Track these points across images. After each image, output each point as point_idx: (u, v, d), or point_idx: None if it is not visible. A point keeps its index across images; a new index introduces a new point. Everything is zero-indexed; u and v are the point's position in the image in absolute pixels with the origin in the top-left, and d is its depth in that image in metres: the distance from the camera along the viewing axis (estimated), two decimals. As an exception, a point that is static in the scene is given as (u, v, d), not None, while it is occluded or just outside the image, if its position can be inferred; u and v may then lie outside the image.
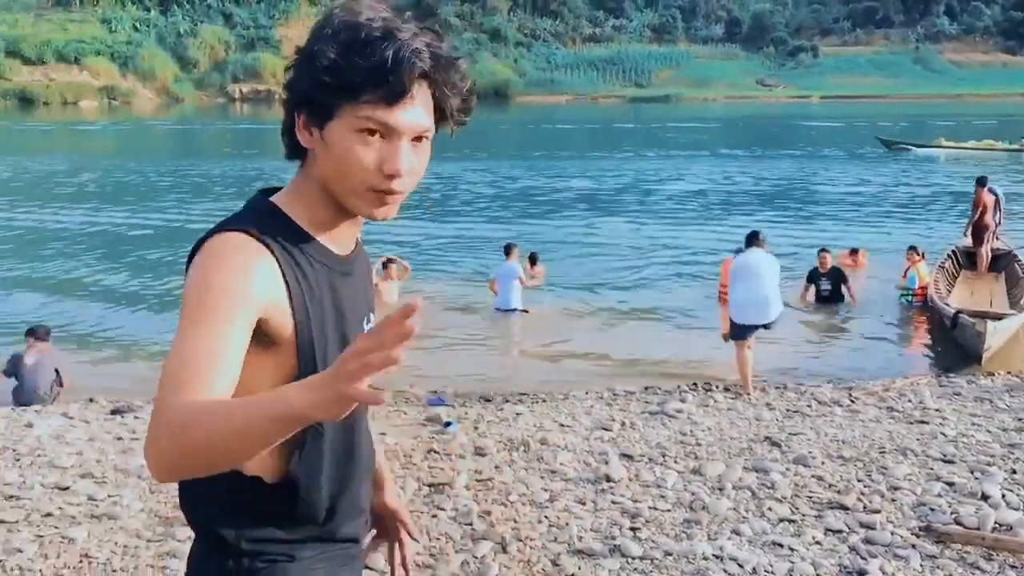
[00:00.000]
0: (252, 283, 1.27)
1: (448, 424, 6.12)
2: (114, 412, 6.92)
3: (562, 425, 6.10)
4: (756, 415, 6.36)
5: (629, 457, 5.20)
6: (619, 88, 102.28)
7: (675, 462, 5.10)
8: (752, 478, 4.80)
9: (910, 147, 35.17)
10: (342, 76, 1.28)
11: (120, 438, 5.86)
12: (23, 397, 7.68)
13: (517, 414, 6.52)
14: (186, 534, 4.11)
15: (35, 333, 8.08)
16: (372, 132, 1.30)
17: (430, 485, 4.73)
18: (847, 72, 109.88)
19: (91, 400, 7.53)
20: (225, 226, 1.34)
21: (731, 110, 76.79)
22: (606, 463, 5.04)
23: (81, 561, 3.71)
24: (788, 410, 6.56)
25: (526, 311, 10.69)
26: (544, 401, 7.19)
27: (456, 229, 16.99)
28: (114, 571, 3.66)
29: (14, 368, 7.83)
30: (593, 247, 15.02)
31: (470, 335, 10.08)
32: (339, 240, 1.44)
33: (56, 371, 7.89)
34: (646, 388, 7.64)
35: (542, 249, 14.22)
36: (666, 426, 6.01)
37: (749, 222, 16.88)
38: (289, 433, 1.10)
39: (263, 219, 1.36)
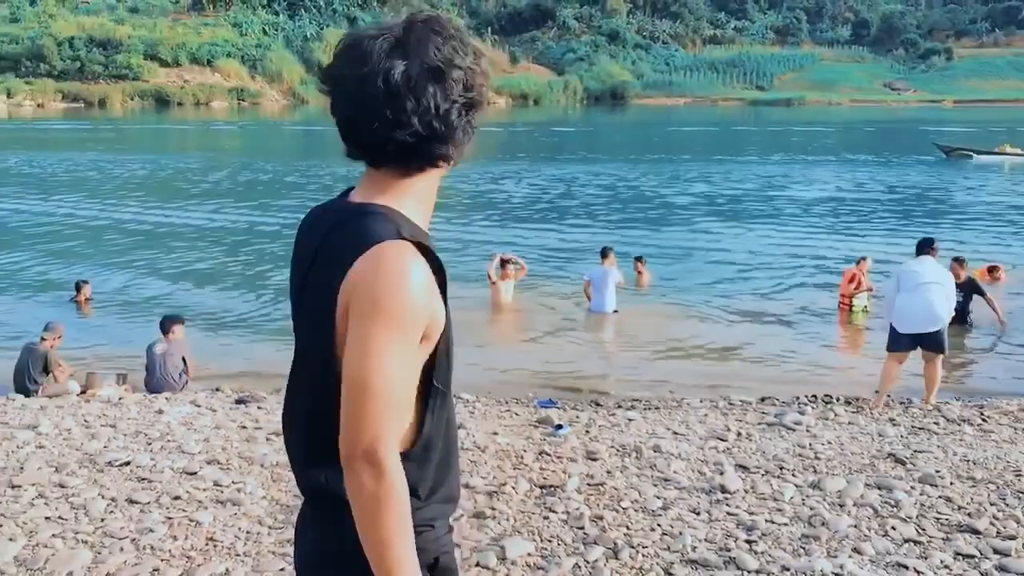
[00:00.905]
0: (427, 300, 1.42)
1: (559, 427, 6.12)
2: (238, 402, 7.19)
3: (675, 433, 6.01)
4: (879, 431, 6.13)
5: (745, 468, 5.09)
6: (739, 91, 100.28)
7: (793, 475, 4.96)
8: (874, 495, 4.63)
9: (971, 153, 32.94)
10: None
11: (244, 427, 6.08)
12: (153, 384, 8.08)
13: (629, 420, 6.46)
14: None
15: (167, 322, 8.48)
16: None
17: (542, 487, 4.73)
18: (983, 75, 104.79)
19: (217, 389, 7.85)
20: (388, 234, 1.44)
21: (857, 114, 74.29)
22: (721, 473, 4.94)
23: (207, 544, 3.86)
24: (913, 427, 6.29)
25: (615, 311, 10.67)
26: (657, 408, 7.11)
27: (569, 231, 16.96)
28: (238, 555, 3.79)
29: (148, 356, 8.24)
30: (711, 252, 14.74)
31: (574, 337, 10.06)
32: None
33: (183, 359, 8.26)
34: (763, 399, 7.46)
35: (659, 253, 14.10)
36: (784, 438, 5.85)
37: (876, 230, 16.34)
38: None
39: (411, 226, 1.48)
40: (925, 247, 7.34)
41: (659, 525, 4.21)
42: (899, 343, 7.07)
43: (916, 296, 6.93)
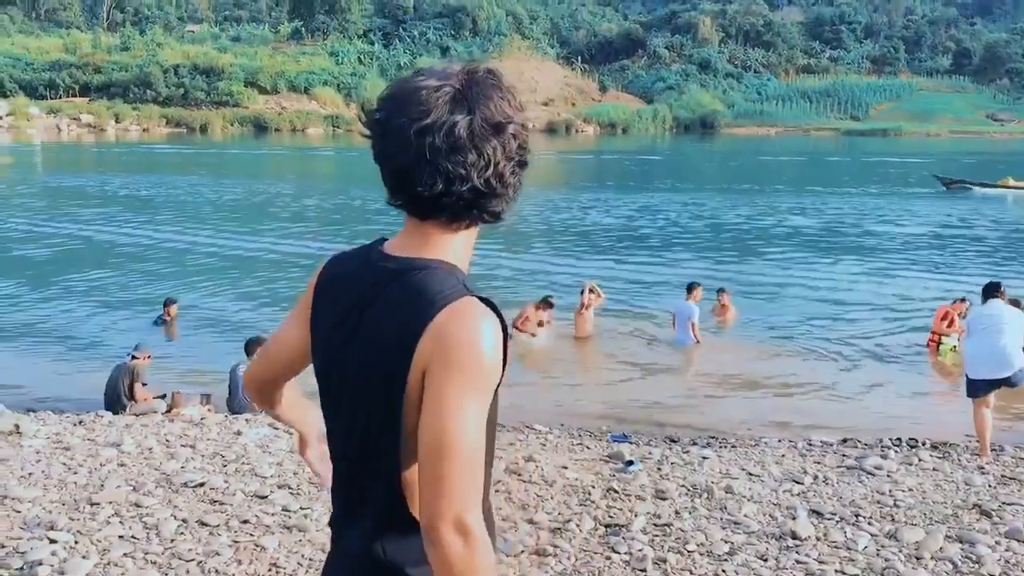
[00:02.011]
0: (502, 361, 1.42)
1: (630, 463, 6.04)
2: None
3: (750, 474, 5.87)
4: (965, 479, 5.87)
5: (819, 514, 4.93)
6: (833, 121, 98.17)
7: (868, 524, 4.78)
8: (955, 549, 4.43)
9: (971, 186, 31.55)
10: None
11: (318, 452, 6.16)
12: (235, 405, 8.28)
13: (703, 458, 6.33)
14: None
15: (251, 345, 8.69)
16: None
17: (606, 525, 4.67)
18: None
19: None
20: (457, 290, 1.44)
21: (958, 145, 71.91)
22: (793, 518, 4.80)
23: (270, 570, 3.92)
24: (1003, 476, 6.01)
25: (696, 340, 10.58)
26: (733, 447, 6.96)
27: (653, 262, 16.81)
28: (299, 582, 3.85)
29: (231, 377, 8.46)
30: (799, 287, 14.40)
31: (653, 370, 9.97)
32: None
33: (265, 383, 8.42)
34: (844, 440, 7.24)
35: (744, 286, 13.89)
36: (863, 483, 5.66)
37: (976, 268, 15.74)
38: None
39: (474, 284, 1.48)
40: (992, 291, 7.12)
41: (723, 571, 4.11)
42: (976, 389, 6.83)
43: (985, 341, 6.72)
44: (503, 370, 1.44)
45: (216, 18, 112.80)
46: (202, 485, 5.06)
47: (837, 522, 4.81)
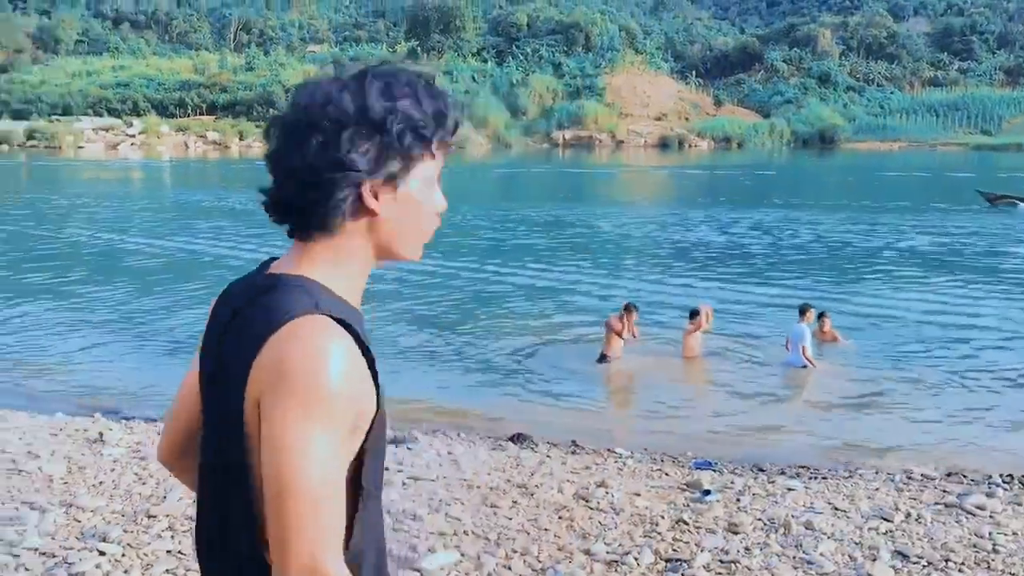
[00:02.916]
0: (354, 386, 1.24)
1: (707, 493, 5.74)
2: (391, 441, 7.26)
3: (836, 508, 5.49)
4: (1081, 525, 5.34)
5: (904, 556, 4.54)
6: (962, 135, 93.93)
7: (959, 571, 4.37)
8: (1059, 604, 4.00)
9: (1017, 201, 28.82)
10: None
11: (387, 468, 6.09)
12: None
13: (789, 489, 5.98)
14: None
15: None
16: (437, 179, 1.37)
17: (667, 560, 4.41)
18: None
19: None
20: (308, 308, 1.25)
21: (1099, 160, 67.72)
22: (873, 560, 4.44)
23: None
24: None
25: (806, 364, 10.21)
26: (824, 478, 6.56)
27: (763, 281, 16.27)
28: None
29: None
30: (917, 311, 13.61)
31: (753, 394, 9.61)
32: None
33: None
34: (949, 474, 6.73)
35: (857, 308, 13.35)
36: (960, 524, 5.21)
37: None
38: None
39: (329, 298, 1.29)
40: None
41: (788, 616, 3.80)
42: None
43: None
44: (376, 402, 1.28)
45: (336, 39, 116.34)
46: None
47: (924, 566, 4.42)
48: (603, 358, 10.63)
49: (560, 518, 5.02)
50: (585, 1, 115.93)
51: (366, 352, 1.28)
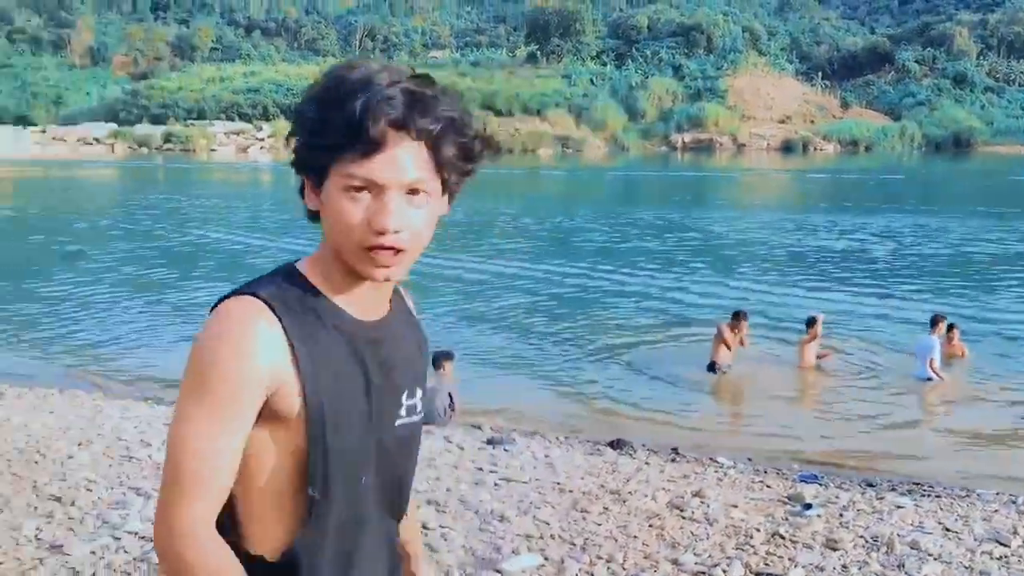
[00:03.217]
0: (255, 362, 1.24)
1: (808, 507, 5.52)
2: (489, 442, 7.28)
3: (946, 529, 5.19)
4: None
5: (1017, 584, 4.26)
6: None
7: (1078, 602, 4.07)
8: None
9: None
10: (322, 134, 1.25)
11: (480, 468, 6.11)
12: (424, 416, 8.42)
13: (897, 506, 5.70)
14: (498, 579, 4.13)
15: (439, 358, 8.85)
16: (359, 188, 1.25)
17: (758, 574, 4.26)
18: None
19: (477, 427, 8.03)
20: (240, 289, 1.30)
21: None
22: (983, 587, 4.17)
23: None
24: None
25: (932, 377, 9.75)
26: (938, 497, 6.24)
27: (886, 291, 15.62)
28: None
29: (420, 390, 8.62)
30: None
31: (870, 406, 9.26)
32: (361, 305, 1.37)
33: (450, 395, 8.54)
34: (1080, 498, 6.29)
35: (988, 321, 12.71)
36: (1085, 552, 4.85)
37: None
38: None
39: (279, 283, 1.31)
40: None
41: (883, 640, 3.61)
42: None
43: None
44: (301, 389, 1.26)
45: (457, 44, 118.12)
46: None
47: (1039, 596, 4.13)
48: (712, 366, 10.41)
49: (651, 526, 4.91)
50: (707, 2, 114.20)
51: (296, 338, 1.27)
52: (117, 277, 16.61)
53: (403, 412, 1.42)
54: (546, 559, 4.30)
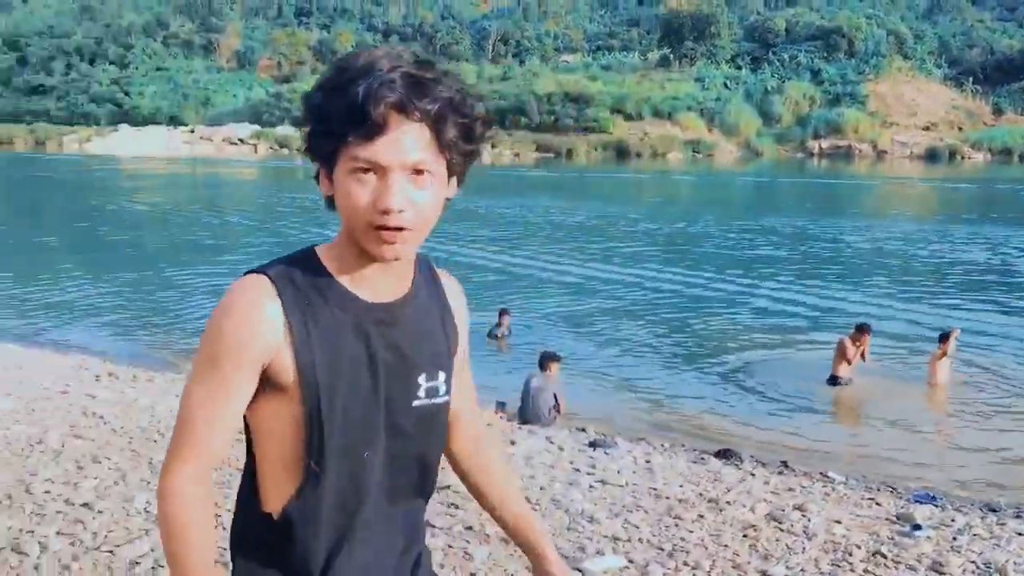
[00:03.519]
0: (253, 334, 1.33)
1: (917, 527, 5.26)
2: (591, 444, 7.25)
3: (1070, 561, 4.86)
4: None
5: None
6: None
7: None
8: None
9: None
10: (327, 120, 1.30)
11: (577, 469, 6.09)
12: (525, 415, 8.47)
13: (1018, 533, 5.36)
14: (580, 579, 4.11)
15: (545, 359, 8.88)
16: (365, 170, 1.30)
17: (851, 592, 4.09)
18: None
19: (581, 429, 8.01)
20: (255, 268, 1.39)
21: None
22: (1101, 623, 3.88)
23: (466, 579, 3.91)
24: None
25: None
26: (1069, 524, 5.83)
27: None
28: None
29: (524, 387, 8.68)
30: None
31: (1006, 425, 8.77)
32: (372, 286, 1.42)
33: (555, 395, 8.55)
34: None
35: None
36: None
37: None
38: None
39: (292, 263, 1.40)
40: None
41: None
42: None
43: None
44: (295, 359, 1.35)
45: (589, 48, 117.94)
46: (448, 487, 5.18)
47: None
48: (833, 380, 10.08)
49: (745, 536, 4.79)
50: (850, 5, 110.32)
51: (294, 313, 1.35)
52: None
53: (421, 393, 1.46)
54: (631, 562, 4.25)
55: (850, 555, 4.62)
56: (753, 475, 6.59)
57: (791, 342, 12.11)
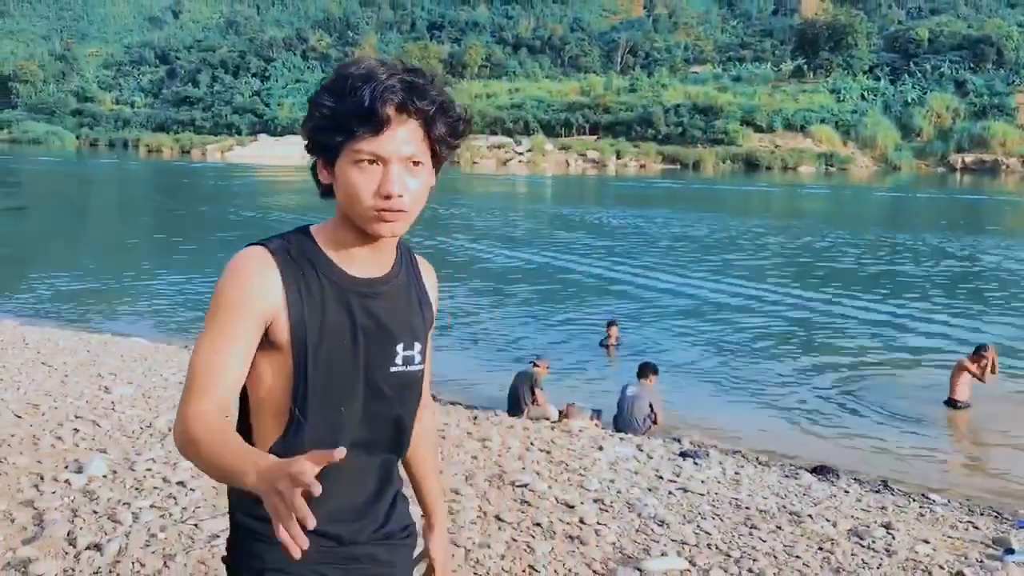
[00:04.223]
0: (254, 294, 1.52)
1: (1010, 552, 5.04)
2: (682, 454, 7.21)
3: None
4: None
5: None
6: None
7: None
8: None
9: None
10: (336, 120, 1.49)
11: (660, 476, 6.09)
12: (620, 423, 8.50)
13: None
14: (642, 579, 4.14)
15: (644, 368, 8.88)
16: (368, 162, 1.50)
17: (918, 609, 3.97)
18: None
19: (676, 439, 7.97)
20: (256, 241, 1.58)
21: None
22: None
23: (524, 571, 3.99)
24: None
25: None
26: None
27: None
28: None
29: (620, 396, 8.71)
30: None
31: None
32: (359, 263, 1.61)
33: (651, 405, 8.54)
34: None
35: None
36: None
37: None
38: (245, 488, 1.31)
39: (288, 238, 1.59)
40: None
41: None
42: None
43: None
44: (288, 316, 1.52)
45: (720, 59, 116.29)
46: (525, 486, 5.29)
47: None
48: (951, 403, 9.69)
49: (820, 549, 4.71)
50: (1000, 13, 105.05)
51: (290, 280, 1.54)
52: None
53: (399, 361, 1.65)
54: (693, 565, 4.25)
55: (930, 574, 4.48)
56: (847, 492, 6.44)
57: (911, 362, 11.68)
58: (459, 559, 4.04)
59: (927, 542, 5.12)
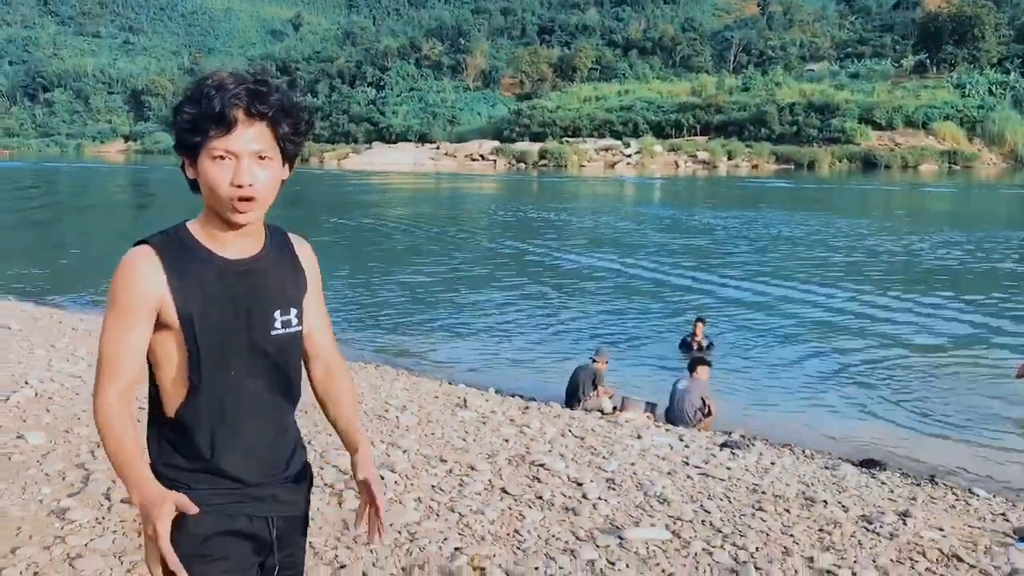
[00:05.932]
0: (142, 286, 1.86)
1: (1023, 540, 5.02)
2: (723, 445, 7.33)
3: None
4: None
5: None
6: None
7: None
8: None
9: None
10: (195, 123, 1.82)
11: (687, 462, 6.25)
12: (670, 415, 8.65)
13: None
14: None
15: (694, 363, 9.02)
16: (222, 157, 1.82)
17: (887, 582, 4.06)
18: None
19: (727, 432, 8.08)
20: (138, 240, 1.92)
21: None
22: None
23: (510, 534, 4.27)
24: None
25: None
26: None
27: None
28: (520, 549, 4.15)
29: (672, 390, 8.87)
30: None
31: None
32: (231, 247, 1.93)
33: (703, 399, 8.65)
34: None
35: None
36: None
37: None
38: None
39: (168, 234, 1.94)
40: None
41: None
42: None
43: None
44: (175, 302, 1.86)
45: (837, 55, 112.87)
46: (543, 465, 5.56)
47: None
48: None
49: (820, 531, 4.82)
50: None
51: (171, 269, 1.87)
52: (450, 275, 18.46)
53: (278, 325, 1.98)
54: (676, 536, 4.45)
55: (923, 555, 4.55)
56: (883, 484, 6.44)
57: (993, 365, 11.36)
58: (451, 523, 4.36)
59: (940, 529, 5.14)
